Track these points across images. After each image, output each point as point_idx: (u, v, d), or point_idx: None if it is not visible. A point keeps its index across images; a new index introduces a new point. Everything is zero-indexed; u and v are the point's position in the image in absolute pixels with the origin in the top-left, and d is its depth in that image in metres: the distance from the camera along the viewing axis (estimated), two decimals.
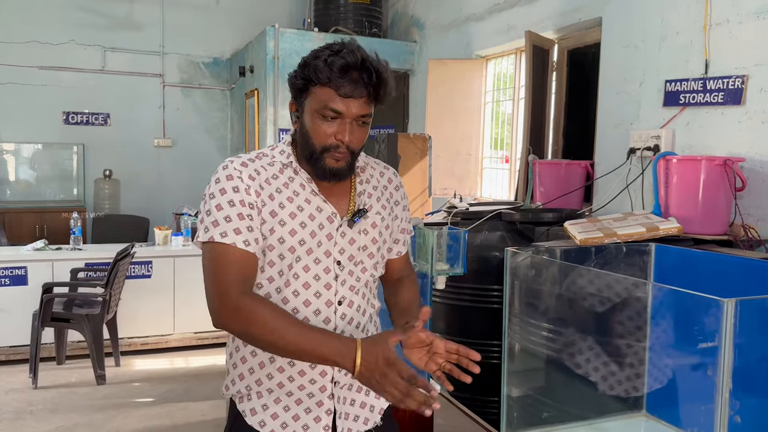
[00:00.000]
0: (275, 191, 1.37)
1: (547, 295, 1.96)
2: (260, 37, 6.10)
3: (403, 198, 1.57)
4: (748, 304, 1.17)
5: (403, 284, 1.59)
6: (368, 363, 1.19)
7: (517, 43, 4.66)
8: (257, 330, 1.26)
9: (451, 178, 5.21)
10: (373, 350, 1.20)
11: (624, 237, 2.36)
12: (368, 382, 1.21)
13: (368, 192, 1.48)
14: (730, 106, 2.86)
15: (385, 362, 1.18)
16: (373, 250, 1.46)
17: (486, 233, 3.40)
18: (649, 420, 1.84)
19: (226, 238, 1.30)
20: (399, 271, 1.60)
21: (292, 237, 1.36)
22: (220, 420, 3.69)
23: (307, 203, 1.38)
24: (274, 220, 1.35)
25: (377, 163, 1.56)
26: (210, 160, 7.62)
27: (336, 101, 1.31)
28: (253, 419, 1.40)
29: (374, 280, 1.51)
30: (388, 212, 1.50)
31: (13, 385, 4.19)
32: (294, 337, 1.24)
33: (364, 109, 1.33)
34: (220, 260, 1.30)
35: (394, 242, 1.57)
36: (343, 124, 1.33)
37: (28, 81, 6.84)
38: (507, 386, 1.71)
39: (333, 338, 1.25)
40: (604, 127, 3.67)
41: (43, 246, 4.89)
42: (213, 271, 1.31)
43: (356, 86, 1.30)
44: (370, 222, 1.45)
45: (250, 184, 1.34)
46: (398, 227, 1.56)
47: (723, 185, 2.62)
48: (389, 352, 1.19)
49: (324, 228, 1.39)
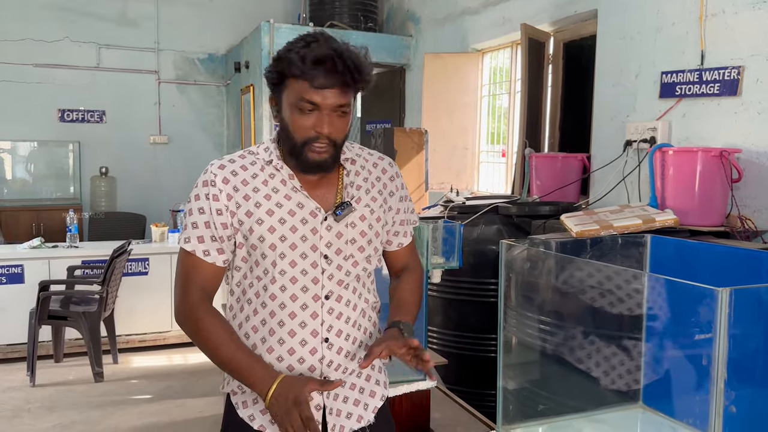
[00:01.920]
0: (252, 191, 1.37)
1: (542, 288, 1.95)
2: (255, 33, 6.08)
3: (400, 188, 1.53)
4: (743, 294, 1.16)
5: (403, 277, 1.57)
6: (279, 397, 1.28)
7: (512, 36, 4.64)
8: (200, 338, 1.37)
9: (448, 172, 5.20)
10: (289, 387, 1.29)
11: (620, 229, 2.35)
12: (273, 413, 1.30)
13: (357, 184, 1.45)
14: (726, 97, 2.85)
15: (293, 401, 1.27)
16: (363, 243, 1.44)
17: (482, 227, 3.40)
18: (646, 411, 1.83)
19: (188, 245, 1.38)
20: (403, 264, 1.58)
21: (272, 234, 1.36)
22: (217, 417, 3.68)
23: (287, 199, 1.38)
24: (251, 220, 1.36)
25: (371, 154, 1.53)
26: (206, 156, 7.59)
27: (311, 93, 1.30)
28: (244, 412, 1.42)
29: (368, 274, 1.49)
30: (380, 204, 1.48)
31: (10, 383, 4.18)
32: (226, 354, 1.34)
33: (340, 98, 1.31)
34: (184, 265, 1.39)
35: (394, 234, 1.54)
36: (321, 115, 1.32)
37: (22, 79, 6.82)
38: (503, 379, 1.71)
39: (258, 367, 1.33)
40: (600, 120, 3.66)
41: (40, 244, 4.88)
42: (178, 273, 1.41)
43: (330, 76, 1.29)
44: (359, 215, 1.43)
45: (222, 188, 1.36)
46: (395, 219, 1.53)
47: (719, 176, 2.62)
48: (301, 395, 1.27)
49: (307, 223, 1.38)
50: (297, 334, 1.38)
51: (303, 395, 1.27)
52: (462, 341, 3.44)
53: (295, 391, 1.28)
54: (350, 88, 1.32)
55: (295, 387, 1.29)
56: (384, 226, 1.50)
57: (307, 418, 1.26)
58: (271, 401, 1.29)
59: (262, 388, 1.30)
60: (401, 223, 1.54)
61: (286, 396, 1.28)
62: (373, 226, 1.46)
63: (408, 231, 1.57)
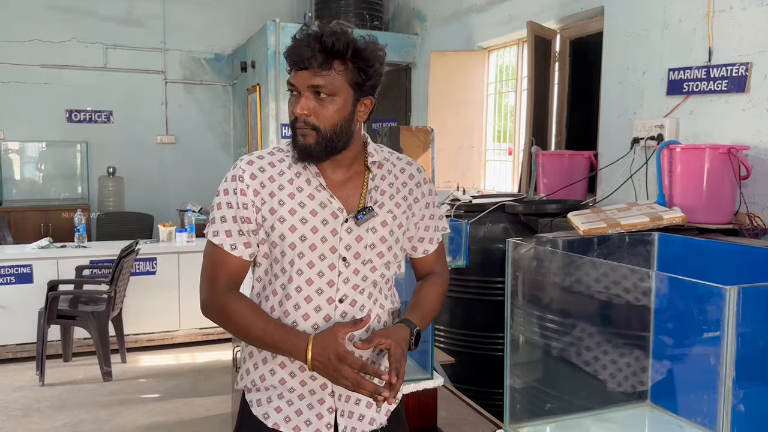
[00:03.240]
0: (277, 188, 1.37)
1: (549, 287, 1.94)
2: (261, 32, 6.09)
3: (426, 195, 1.50)
4: (752, 292, 1.15)
5: (428, 279, 1.55)
6: (320, 358, 1.28)
7: (518, 33, 4.63)
8: (231, 324, 1.37)
9: (454, 170, 5.19)
10: (323, 346, 1.27)
11: (627, 227, 2.34)
12: (323, 374, 1.30)
13: (381, 189, 1.43)
14: (734, 93, 2.84)
15: (337, 358, 1.26)
16: (382, 249, 1.42)
17: (489, 225, 3.39)
18: (654, 410, 1.82)
19: (216, 238, 1.38)
20: (428, 271, 1.56)
21: (292, 233, 1.36)
22: (225, 415, 3.71)
23: (310, 199, 1.37)
24: (273, 217, 1.36)
25: (399, 158, 1.50)
26: (213, 156, 7.63)
27: (292, 76, 1.34)
28: (258, 410, 1.42)
29: (386, 280, 1.46)
30: (403, 210, 1.45)
31: (20, 383, 4.21)
32: (258, 332, 1.33)
33: (313, 79, 1.30)
34: (211, 258, 1.40)
35: (419, 241, 1.51)
36: (299, 97, 1.33)
37: (30, 80, 6.86)
38: (510, 377, 1.71)
39: (291, 335, 1.32)
40: (607, 117, 3.65)
41: (48, 244, 4.90)
42: (205, 266, 1.41)
43: (304, 57, 1.30)
44: (380, 220, 1.40)
45: (249, 184, 1.37)
46: (419, 225, 1.50)
47: (727, 174, 2.60)
48: (339, 347, 1.27)
49: (328, 224, 1.37)
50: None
51: (341, 348, 1.27)
52: (469, 340, 3.43)
53: (332, 346, 1.27)
54: (328, 69, 1.30)
55: (330, 342, 1.27)
56: (406, 233, 1.47)
57: (361, 365, 1.27)
58: (313, 365, 1.29)
59: (299, 354, 1.30)
60: (426, 229, 1.51)
61: (327, 356, 1.27)
62: (394, 233, 1.43)
63: (435, 238, 1.53)
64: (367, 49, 1.34)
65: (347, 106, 1.34)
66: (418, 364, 2.25)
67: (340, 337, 1.28)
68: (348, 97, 1.34)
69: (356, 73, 1.33)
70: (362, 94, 1.36)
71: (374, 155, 1.44)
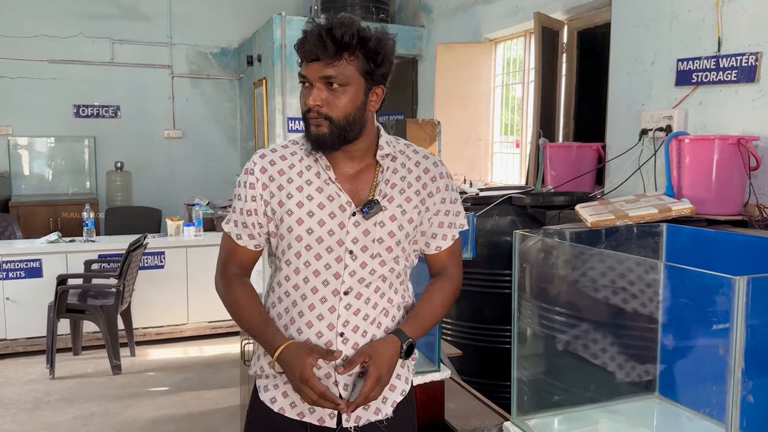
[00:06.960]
0: (286, 181, 1.39)
1: (557, 279, 1.94)
2: (267, 26, 6.08)
3: (442, 189, 1.47)
4: (761, 282, 1.15)
5: (435, 282, 1.52)
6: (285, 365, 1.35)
7: (525, 25, 4.60)
8: (228, 307, 1.47)
9: (462, 163, 5.17)
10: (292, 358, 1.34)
11: (636, 219, 2.33)
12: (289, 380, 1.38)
13: (392, 182, 1.42)
14: (744, 84, 2.81)
15: (300, 379, 1.32)
16: (391, 244, 1.41)
17: (496, 218, 3.38)
18: (662, 402, 1.82)
19: (227, 226, 1.47)
20: (440, 268, 1.53)
21: (299, 226, 1.37)
22: (234, 408, 3.73)
23: (318, 192, 1.38)
24: (282, 210, 1.38)
25: (416, 152, 1.49)
26: (220, 150, 7.64)
27: (303, 67, 1.36)
28: (265, 395, 1.46)
29: (396, 274, 1.45)
30: (414, 205, 1.43)
31: (30, 376, 4.25)
32: (247, 320, 1.43)
33: (324, 70, 1.31)
34: (224, 243, 1.50)
35: (432, 236, 1.49)
36: (310, 88, 1.35)
37: (38, 75, 6.88)
38: (517, 370, 1.70)
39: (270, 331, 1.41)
40: (615, 109, 3.62)
41: (57, 238, 4.94)
42: (220, 248, 1.51)
43: (314, 49, 1.31)
44: (389, 214, 1.39)
45: (259, 177, 1.41)
46: (432, 221, 1.47)
47: (737, 165, 2.58)
48: (305, 371, 1.32)
49: (336, 217, 1.37)
50: (314, 326, 1.39)
51: (306, 373, 1.31)
52: (476, 332, 3.43)
53: (299, 366, 1.32)
54: (339, 60, 1.31)
55: (298, 361, 1.33)
56: (417, 228, 1.45)
57: (320, 393, 1.32)
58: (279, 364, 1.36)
59: (270, 350, 1.38)
60: (439, 225, 1.48)
61: (292, 372, 1.33)
62: (404, 227, 1.41)
63: (449, 234, 1.49)
64: (376, 38, 1.35)
65: (359, 96, 1.35)
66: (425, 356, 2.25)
67: (309, 362, 1.33)
68: (360, 86, 1.35)
69: (367, 63, 1.34)
70: (373, 83, 1.37)
71: (385, 148, 1.44)
